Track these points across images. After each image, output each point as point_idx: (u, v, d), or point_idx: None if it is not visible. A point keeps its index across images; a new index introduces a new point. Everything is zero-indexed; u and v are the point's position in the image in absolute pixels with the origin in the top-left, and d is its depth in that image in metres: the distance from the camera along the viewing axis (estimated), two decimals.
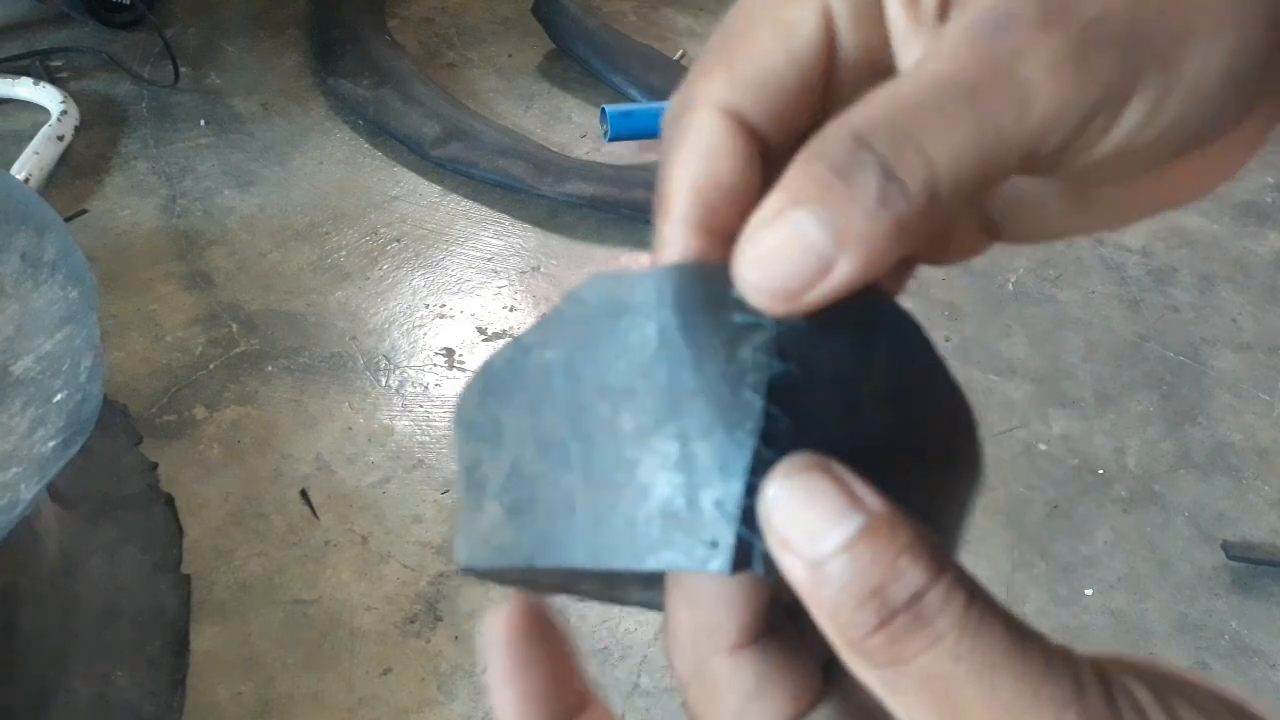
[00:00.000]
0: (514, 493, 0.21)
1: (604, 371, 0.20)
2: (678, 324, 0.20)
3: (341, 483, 0.79)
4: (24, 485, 0.51)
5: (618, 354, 0.20)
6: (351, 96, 1.15)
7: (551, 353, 0.21)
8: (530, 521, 0.21)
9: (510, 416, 0.22)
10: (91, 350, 0.57)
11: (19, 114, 1.13)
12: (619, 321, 0.20)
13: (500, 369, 0.22)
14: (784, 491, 0.18)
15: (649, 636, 0.69)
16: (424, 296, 0.96)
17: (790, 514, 0.18)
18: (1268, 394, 0.89)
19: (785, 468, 0.18)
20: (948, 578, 0.17)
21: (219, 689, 0.66)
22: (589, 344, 0.21)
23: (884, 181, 0.17)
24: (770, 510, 0.18)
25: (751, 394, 0.19)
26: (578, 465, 0.20)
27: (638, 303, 0.20)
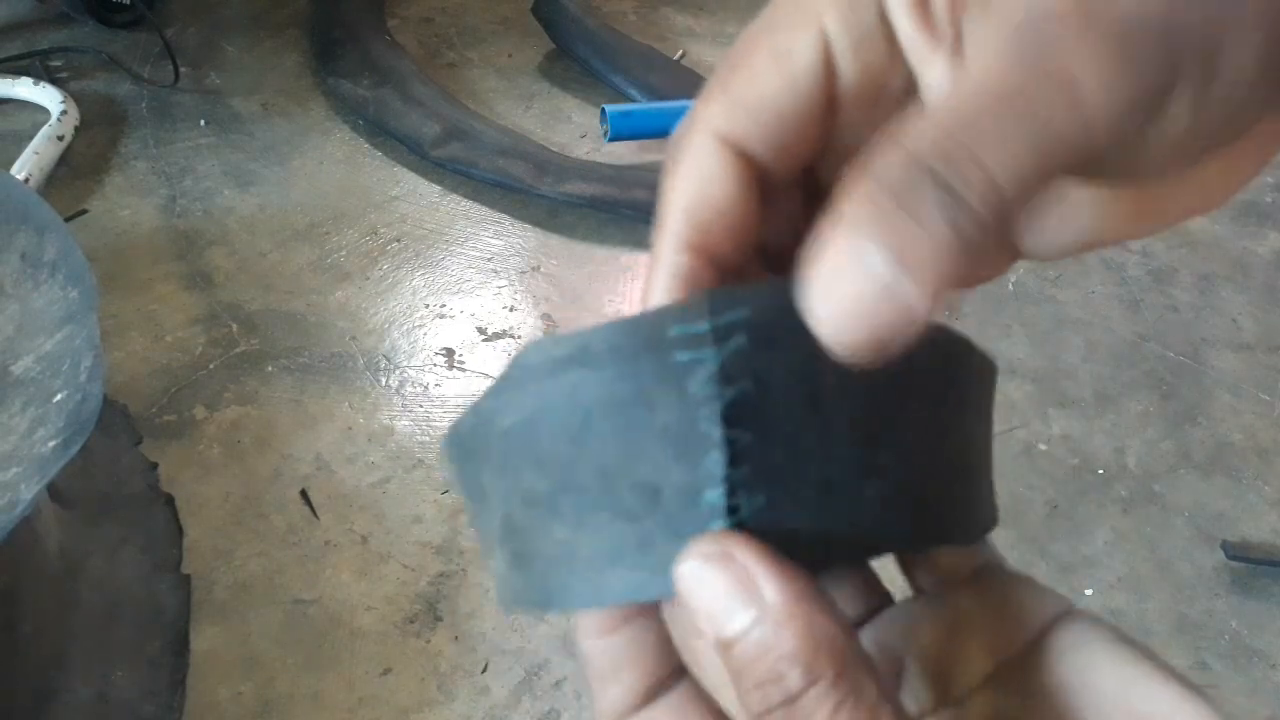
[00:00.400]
0: (512, 545, 0.22)
1: (562, 429, 0.20)
2: (622, 373, 0.20)
3: (341, 483, 0.79)
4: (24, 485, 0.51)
5: (571, 411, 0.20)
6: (351, 96, 1.15)
7: (509, 419, 0.21)
8: (532, 571, 0.22)
9: (489, 478, 0.22)
10: (91, 350, 0.57)
11: (19, 114, 1.13)
12: (564, 379, 0.20)
13: (467, 435, 0.22)
14: (693, 573, 0.19)
15: None
16: (424, 296, 0.96)
17: (697, 594, 0.19)
18: (1268, 394, 0.89)
19: (697, 549, 0.19)
20: (820, 685, 0.18)
21: (219, 689, 0.66)
22: (542, 406, 0.21)
23: (948, 201, 0.17)
24: (682, 585, 0.19)
25: (708, 425, 0.19)
26: (564, 516, 0.21)
27: (580, 359, 0.20)
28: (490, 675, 0.68)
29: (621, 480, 0.20)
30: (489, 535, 0.23)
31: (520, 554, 0.22)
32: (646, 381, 0.20)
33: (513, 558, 0.22)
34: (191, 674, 0.67)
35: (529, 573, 0.22)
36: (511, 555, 0.22)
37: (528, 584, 0.22)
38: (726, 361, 0.19)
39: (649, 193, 1.03)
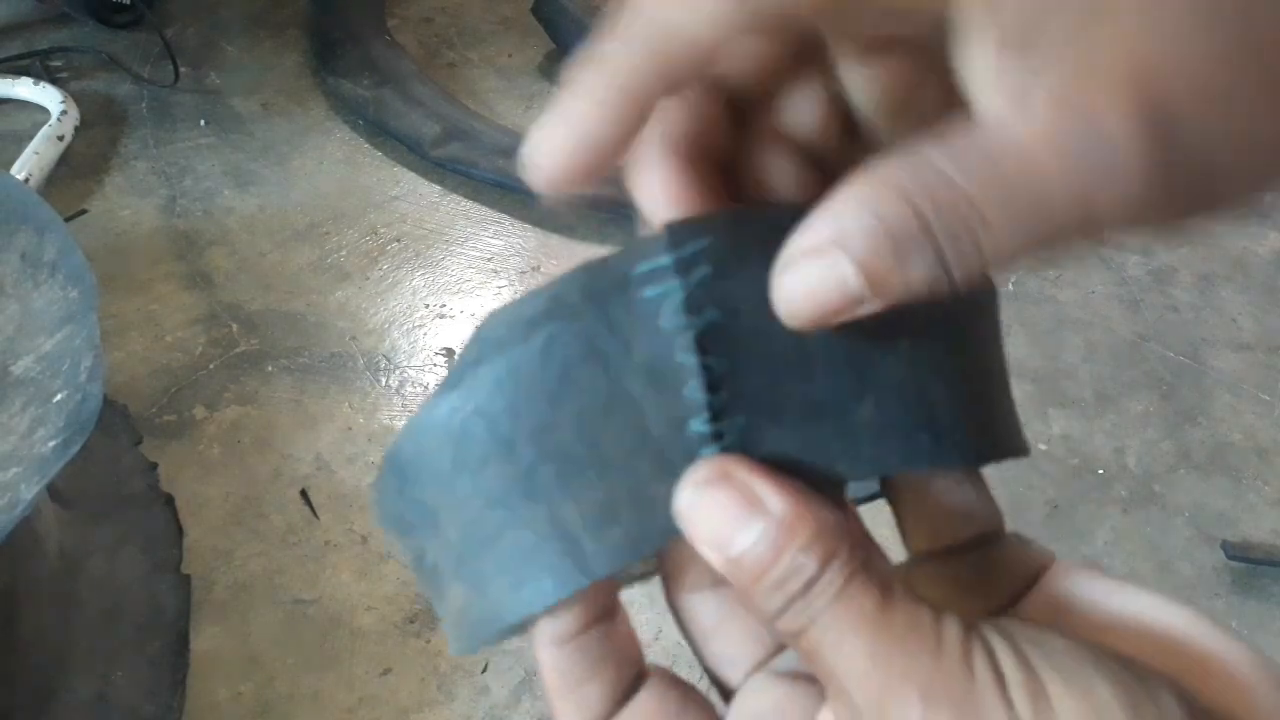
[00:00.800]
0: (473, 563, 0.21)
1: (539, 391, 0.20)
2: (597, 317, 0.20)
3: (341, 483, 0.79)
4: (24, 485, 0.51)
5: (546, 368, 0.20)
6: (351, 96, 1.15)
7: (466, 407, 0.20)
8: (504, 580, 0.21)
9: (439, 493, 0.21)
10: (91, 350, 0.57)
11: (19, 114, 1.13)
12: (537, 337, 0.20)
13: (410, 452, 0.21)
14: (693, 501, 0.20)
15: (649, 637, 0.69)
16: (424, 296, 0.96)
17: (700, 522, 0.20)
18: (1268, 394, 0.89)
19: (692, 478, 0.20)
20: (837, 560, 0.20)
21: (219, 689, 0.66)
22: (510, 375, 0.20)
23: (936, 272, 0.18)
24: (684, 517, 0.20)
25: (683, 355, 0.20)
26: (542, 493, 0.20)
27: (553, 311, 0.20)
28: (490, 675, 0.68)
29: (604, 430, 0.20)
30: (437, 572, 0.22)
31: (485, 572, 0.21)
32: (620, 322, 0.20)
33: (475, 581, 0.21)
34: (191, 674, 0.67)
35: (497, 588, 0.21)
36: (474, 578, 0.21)
37: (500, 600, 0.21)
38: (692, 291, 0.20)
39: None
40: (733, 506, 0.20)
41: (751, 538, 0.20)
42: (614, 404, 0.20)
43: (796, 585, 0.19)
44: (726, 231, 0.20)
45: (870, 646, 0.19)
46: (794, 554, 0.19)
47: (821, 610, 0.19)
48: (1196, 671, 0.20)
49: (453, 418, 0.21)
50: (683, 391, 0.20)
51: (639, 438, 0.20)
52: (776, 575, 0.19)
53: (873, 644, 0.19)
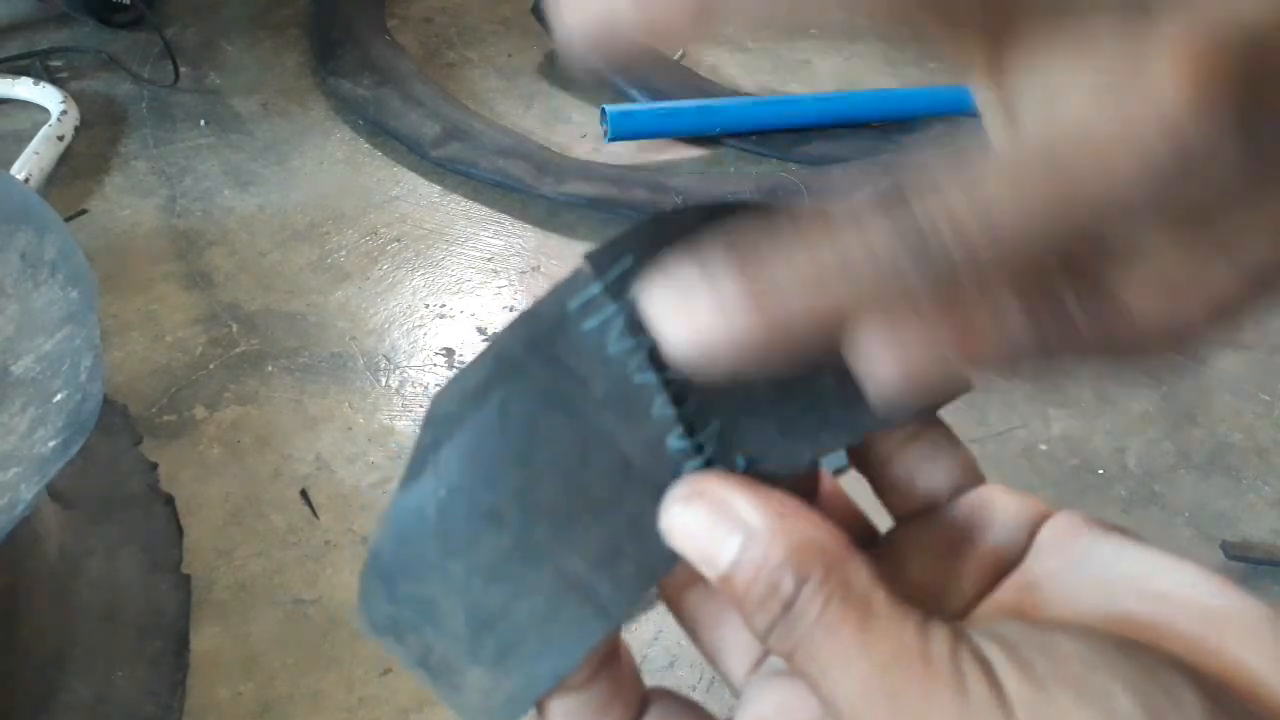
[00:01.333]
0: (490, 641, 0.21)
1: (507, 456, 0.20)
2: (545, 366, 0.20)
3: (341, 483, 0.79)
4: (24, 485, 0.51)
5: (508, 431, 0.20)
6: (351, 96, 1.15)
7: (438, 494, 0.20)
8: (527, 649, 0.20)
9: (432, 584, 0.20)
10: (91, 350, 0.57)
11: (19, 114, 1.13)
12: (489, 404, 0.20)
13: (391, 552, 0.21)
14: (674, 522, 0.20)
15: (649, 637, 0.69)
16: (424, 296, 0.96)
17: (685, 540, 0.20)
18: (1268, 394, 0.89)
19: (671, 500, 0.20)
20: (811, 583, 0.19)
21: (219, 689, 0.66)
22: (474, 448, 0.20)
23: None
24: (671, 539, 0.20)
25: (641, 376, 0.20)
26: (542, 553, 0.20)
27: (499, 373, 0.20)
28: None
29: (586, 474, 0.20)
30: (448, 664, 0.21)
31: (503, 646, 0.20)
32: (569, 363, 0.20)
33: (494, 658, 0.21)
34: (191, 674, 0.67)
35: (520, 657, 0.20)
36: (493, 656, 0.21)
37: (525, 671, 0.20)
38: (630, 311, 0.19)
39: (649, 193, 1.03)
40: (710, 522, 0.20)
41: (732, 552, 0.20)
42: (587, 445, 0.20)
43: (776, 606, 0.19)
44: (647, 241, 0.20)
45: (857, 675, 0.19)
46: (771, 571, 0.19)
47: (804, 636, 0.19)
48: (1214, 632, 0.20)
49: (427, 505, 0.20)
50: (651, 412, 0.20)
51: (622, 471, 0.20)
52: (757, 594, 0.19)
53: (859, 672, 0.19)
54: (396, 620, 0.21)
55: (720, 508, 0.20)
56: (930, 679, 0.18)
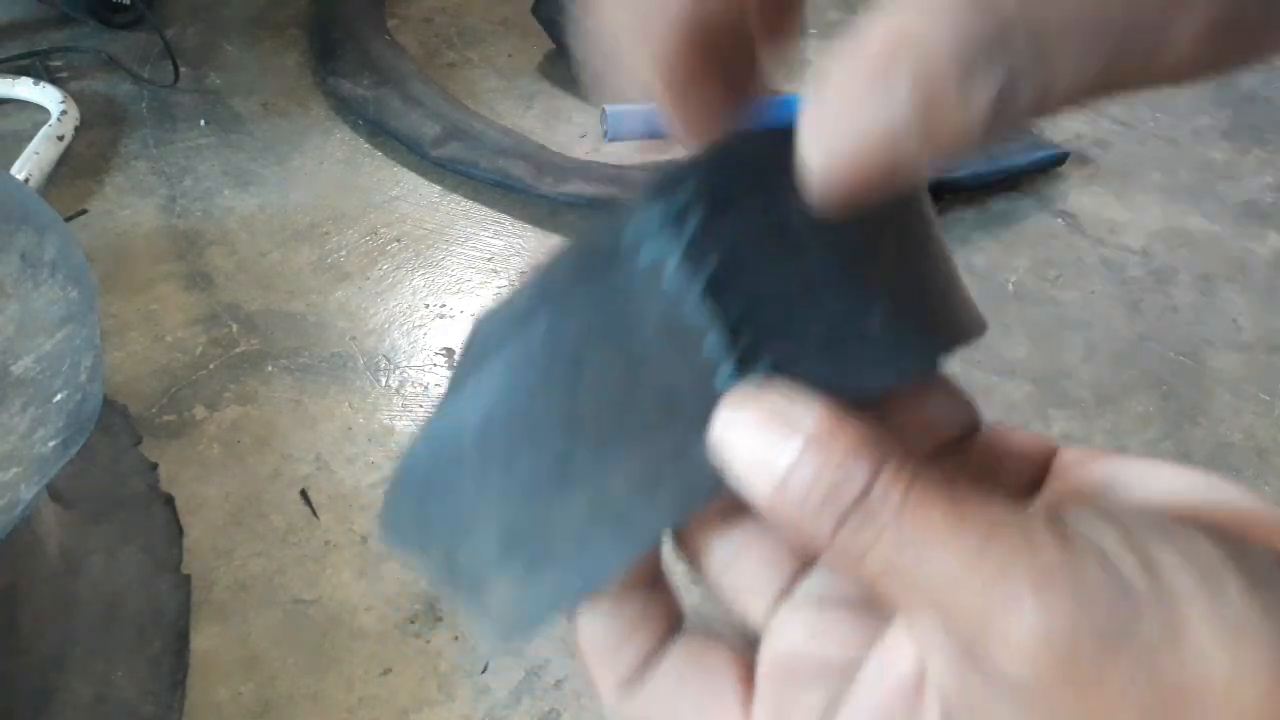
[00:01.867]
0: (522, 553, 0.21)
1: (552, 382, 0.20)
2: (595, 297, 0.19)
3: (341, 483, 0.79)
4: (24, 485, 0.51)
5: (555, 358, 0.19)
6: (351, 96, 1.15)
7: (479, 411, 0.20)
8: (558, 563, 0.20)
9: (468, 496, 0.21)
10: (91, 350, 0.57)
11: (19, 114, 1.13)
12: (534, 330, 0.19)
13: (427, 463, 0.21)
14: (726, 433, 0.19)
15: None
16: (424, 296, 0.96)
17: (737, 450, 0.19)
18: (1268, 394, 0.89)
19: (722, 411, 0.19)
20: (888, 470, 0.18)
21: (219, 689, 0.66)
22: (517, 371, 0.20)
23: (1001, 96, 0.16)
24: (720, 451, 0.19)
25: (694, 312, 0.19)
26: (581, 476, 0.20)
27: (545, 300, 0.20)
28: (490, 675, 0.68)
29: (631, 404, 0.19)
30: (476, 573, 0.21)
31: (535, 558, 0.20)
32: (622, 293, 0.19)
33: (525, 568, 0.21)
34: (191, 674, 0.67)
35: (552, 569, 0.20)
36: (524, 566, 0.21)
37: (555, 582, 0.21)
38: (688, 245, 0.19)
39: None
40: (766, 427, 0.19)
41: (791, 455, 0.18)
42: (633, 376, 0.19)
43: (849, 497, 0.18)
44: (709, 170, 0.19)
45: (957, 551, 0.17)
46: (839, 464, 0.18)
47: (888, 524, 0.18)
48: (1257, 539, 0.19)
49: (466, 422, 0.20)
50: (702, 347, 0.19)
51: (666, 404, 0.19)
52: (824, 488, 0.18)
53: (958, 547, 0.17)
54: (424, 532, 0.21)
55: (777, 412, 0.19)
56: (1034, 542, 0.17)
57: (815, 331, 0.20)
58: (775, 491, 0.19)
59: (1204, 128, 1.20)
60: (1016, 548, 0.17)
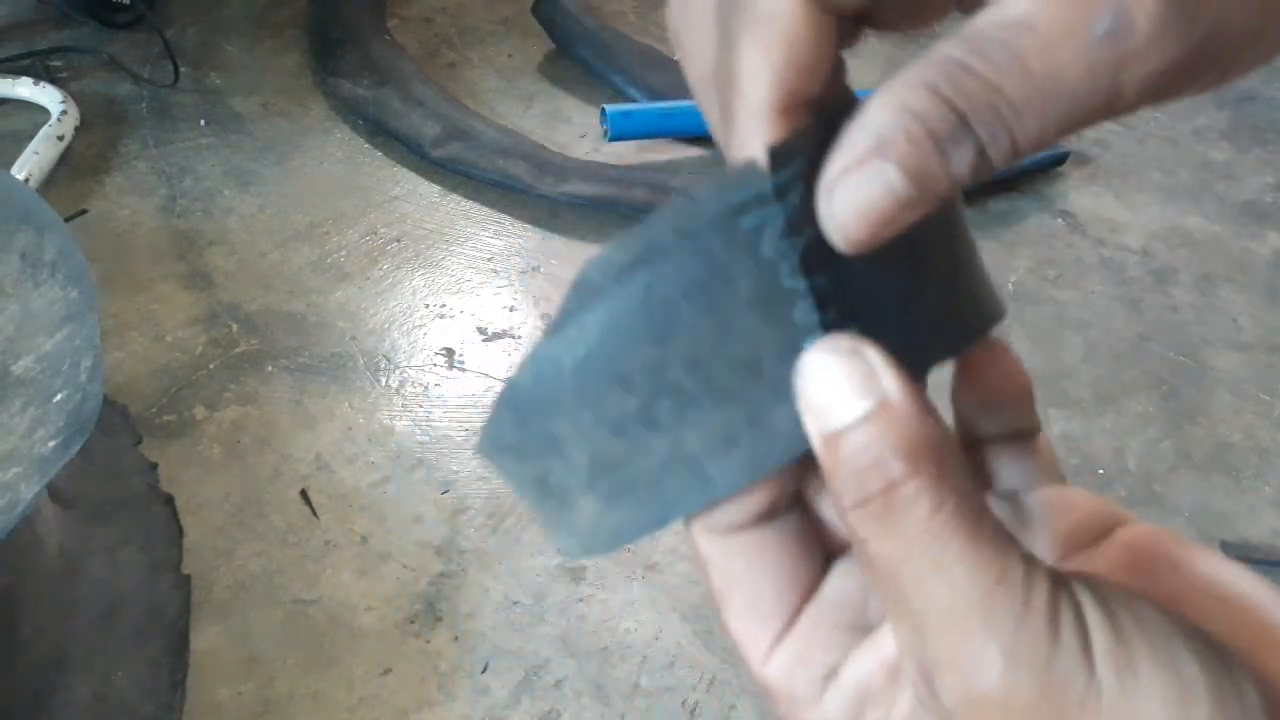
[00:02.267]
0: (606, 480, 0.22)
1: (644, 334, 0.21)
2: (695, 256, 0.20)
3: (341, 483, 0.79)
4: (24, 485, 0.51)
5: (650, 312, 0.20)
6: (351, 96, 1.15)
7: (578, 350, 0.21)
8: (636, 496, 0.22)
9: (563, 422, 0.22)
10: (91, 350, 0.57)
11: (19, 114, 1.13)
12: (635, 283, 0.20)
13: (529, 387, 0.22)
14: (816, 364, 0.20)
15: (649, 636, 0.69)
16: (424, 296, 0.96)
17: (815, 384, 0.20)
18: (1268, 394, 0.89)
19: (824, 344, 0.20)
20: (922, 478, 0.19)
21: (219, 689, 0.66)
22: (616, 318, 0.21)
23: (977, 159, 0.18)
24: (802, 376, 0.20)
25: (790, 279, 0.20)
26: (662, 425, 0.21)
27: (647, 257, 0.20)
28: (490, 675, 0.68)
29: (716, 364, 0.20)
30: (564, 490, 0.23)
31: (617, 488, 0.22)
32: (720, 257, 0.20)
33: (608, 495, 0.22)
34: (191, 674, 0.67)
35: (631, 501, 0.22)
36: (606, 492, 0.22)
37: (632, 513, 0.22)
38: (791, 214, 0.20)
39: (649, 193, 1.03)
40: (852, 375, 0.19)
41: (860, 410, 0.19)
42: (723, 337, 0.20)
43: (879, 483, 0.19)
44: (816, 144, 0.20)
45: (957, 588, 0.18)
46: (884, 445, 0.19)
47: (907, 529, 0.19)
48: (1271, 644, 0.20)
49: (565, 357, 0.21)
50: (793, 315, 0.20)
51: (752, 367, 0.20)
52: (863, 462, 0.19)
53: (957, 588, 0.18)
54: (520, 446, 0.23)
55: (863, 366, 0.19)
56: (1029, 612, 0.18)
57: (884, 308, 0.21)
58: (828, 442, 0.19)
59: (1204, 128, 1.20)
60: (1011, 610, 0.18)
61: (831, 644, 0.22)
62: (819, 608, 0.22)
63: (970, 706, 0.18)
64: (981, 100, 0.18)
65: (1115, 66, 0.18)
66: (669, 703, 0.66)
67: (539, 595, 0.72)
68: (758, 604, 0.22)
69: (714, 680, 0.67)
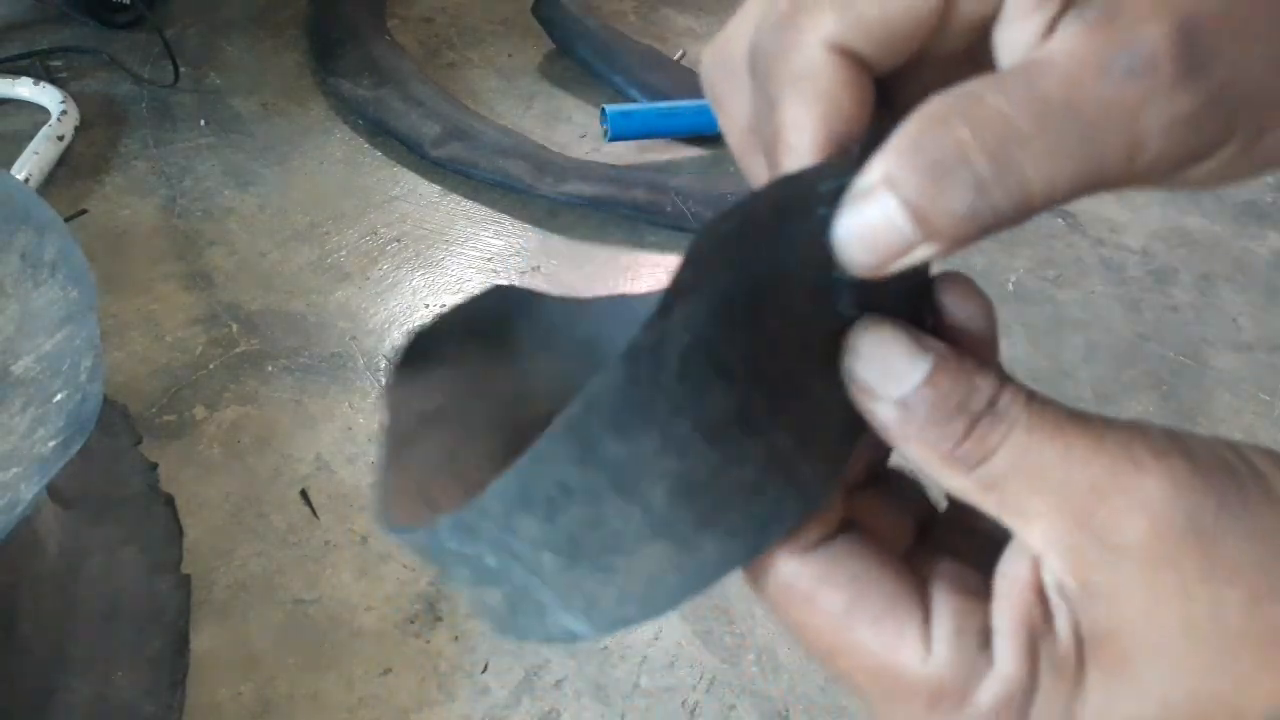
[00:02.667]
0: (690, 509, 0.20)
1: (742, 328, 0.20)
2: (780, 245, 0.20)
3: (341, 483, 0.79)
4: (24, 485, 0.51)
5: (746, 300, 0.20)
6: (351, 96, 1.15)
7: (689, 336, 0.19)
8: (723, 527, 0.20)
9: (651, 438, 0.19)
10: (91, 350, 0.57)
11: (19, 114, 1.13)
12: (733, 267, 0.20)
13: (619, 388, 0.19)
14: (863, 348, 0.21)
15: (649, 636, 0.69)
16: (424, 296, 0.96)
17: (871, 365, 0.21)
18: (1268, 394, 0.89)
19: (859, 329, 0.21)
20: (1011, 383, 0.20)
21: (219, 689, 0.66)
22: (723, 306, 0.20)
23: (976, 197, 0.18)
24: (853, 366, 0.21)
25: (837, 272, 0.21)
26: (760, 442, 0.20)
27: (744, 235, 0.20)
28: (490, 675, 0.68)
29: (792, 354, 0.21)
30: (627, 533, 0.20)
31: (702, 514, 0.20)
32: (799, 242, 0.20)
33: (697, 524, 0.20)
34: (191, 674, 0.67)
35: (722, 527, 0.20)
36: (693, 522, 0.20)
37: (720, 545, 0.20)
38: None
39: (649, 193, 1.03)
40: (901, 345, 0.21)
41: (923, 369, 0.20)
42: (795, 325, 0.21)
43: (979, 404, 0.20)
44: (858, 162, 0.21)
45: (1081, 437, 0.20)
46: (969, 373, 0.20)
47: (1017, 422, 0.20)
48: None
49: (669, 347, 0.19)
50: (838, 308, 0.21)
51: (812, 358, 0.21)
52: (958, 397, 0.20)
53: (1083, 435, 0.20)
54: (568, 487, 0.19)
55: (908, 336, 0.21)
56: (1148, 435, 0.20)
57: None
58: (899, 409, 0.20)
59: None
60: (1134, 434, 0.20)
61: (968, 609, 0.22)
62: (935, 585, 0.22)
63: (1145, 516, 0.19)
64: (988, 130, 0.18)
65: (1136, 106, 0.18)
66: (669, 703, 0.66)
67: None
68: (895, 603, 0.21)
69: (714, 680, 0.67)
